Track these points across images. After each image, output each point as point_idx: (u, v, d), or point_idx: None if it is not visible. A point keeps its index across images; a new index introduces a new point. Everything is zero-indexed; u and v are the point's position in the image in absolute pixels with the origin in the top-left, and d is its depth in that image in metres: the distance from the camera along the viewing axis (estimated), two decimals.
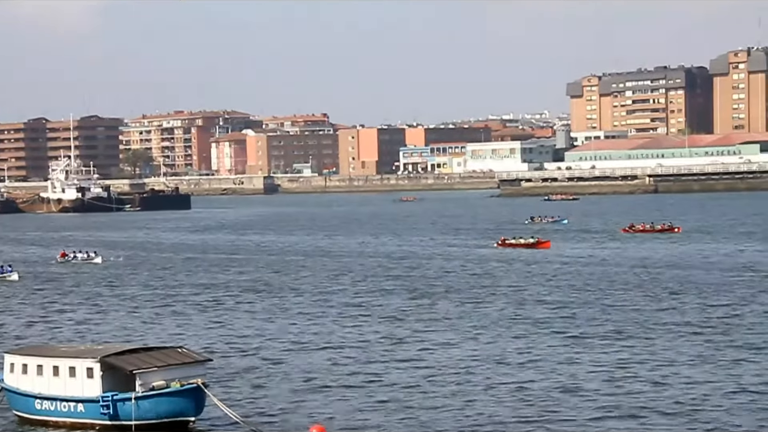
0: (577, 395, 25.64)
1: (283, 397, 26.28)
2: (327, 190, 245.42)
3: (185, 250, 74.90)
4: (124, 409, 23.34)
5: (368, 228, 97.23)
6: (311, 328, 37.08)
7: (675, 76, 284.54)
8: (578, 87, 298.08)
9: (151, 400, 23.31)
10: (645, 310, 39.09)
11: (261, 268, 60.44)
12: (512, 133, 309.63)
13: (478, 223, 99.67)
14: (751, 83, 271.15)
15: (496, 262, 59.33)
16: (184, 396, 23.35)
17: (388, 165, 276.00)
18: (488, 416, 23.95)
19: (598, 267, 55.31)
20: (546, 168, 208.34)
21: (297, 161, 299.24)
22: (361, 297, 45.55)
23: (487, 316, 38.94)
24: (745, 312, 37.96)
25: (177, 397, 23.33)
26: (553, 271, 53.54)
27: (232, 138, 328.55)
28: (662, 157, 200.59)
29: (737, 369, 28.08)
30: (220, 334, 36.41)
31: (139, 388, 23.34)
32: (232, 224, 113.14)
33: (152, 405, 23.31)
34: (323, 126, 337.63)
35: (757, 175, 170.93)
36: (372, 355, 31.41)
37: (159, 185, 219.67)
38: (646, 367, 28.50)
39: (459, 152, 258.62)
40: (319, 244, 78.25)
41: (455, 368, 28.92)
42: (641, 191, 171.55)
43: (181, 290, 49.90)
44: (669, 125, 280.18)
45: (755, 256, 59.18)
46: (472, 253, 66.48)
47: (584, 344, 32.34)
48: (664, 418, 23.32)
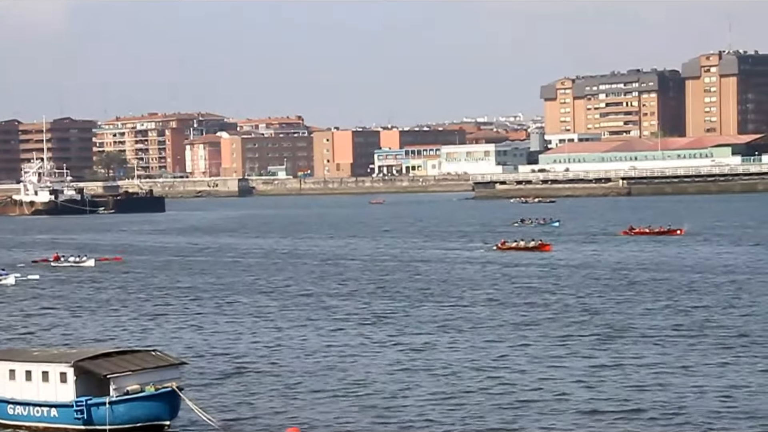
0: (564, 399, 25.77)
1: (259, 399, 26.29)
2: (302, 193, 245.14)
3: (161, 253, 74.65)
4: (98, 413, 23.24)
5: (351, 231, 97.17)
6: (287, 331, 37.05)
7: (648, 79, 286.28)
8: (552, 90, 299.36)
9: (126, 405, 23.22)
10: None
11: (236, 270, 60.34)
12: (486, 135, 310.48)
13: (465, 226, 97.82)
14: (723, 87, 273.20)
15: (496, 265, 58.29)
16: (159, 400, 23.27)
17: (363, 167, 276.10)
18: (467, 420, 24.02)
19: (607, 270, 54.22)
20: (520, 171, 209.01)
21: (272, 163, 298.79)
22: (341, 300, 45.54)
23: (476, 319, 38.98)
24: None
25: (151, 401, 23.26)
26: (558, 275, 52.62)
27: (207, 140, 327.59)
28: (635, 160, 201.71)
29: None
30: (195, 337, 36.33)
31: (113, 392, 23.24)
32: (208, 227, 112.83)
33: (126, 409, 23.22)
34: (298, 128, 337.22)
35: (728, 177, 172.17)
36: (349, 357, 31.42)
37: (133, 187, 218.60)
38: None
39: (433, 155, 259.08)
40: (296, 247, 78.20)
41: (437, 371, 28.91)
42: (615, 194, 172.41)
43: (157, 293, 49.75)
44: (642, 128, 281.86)
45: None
46: (471, 256, 65.06)
47: (591, 348, 32.10)
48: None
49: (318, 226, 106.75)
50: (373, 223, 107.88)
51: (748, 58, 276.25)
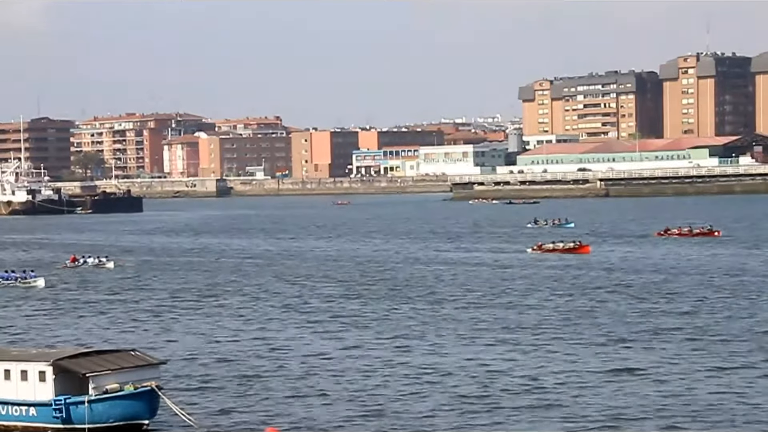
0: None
1: (238, 399, 26.28)
2: (280, 193, 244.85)
3: (141, 253, 74.31)
4: (77, 412, 23.18)
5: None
6: (266, 331, 37.04)
7: (626, 80, 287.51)
8: (530, 91, 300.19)
9: (105, 404, 23.18)
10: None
11: (214, 271, 60.22)
12: (465, 136, 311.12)
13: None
14: (700, 88, 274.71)
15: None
16: (138, 399, 23.26)
17: (342, 168, 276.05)
18: (442, 421, 24.10)
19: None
20: (498, 172, 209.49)
21: (250, 164, 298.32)
22: (323, 302, 45.55)
23: (480, 321, 39.04)
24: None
25: (131, 400, 23.24)
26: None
27: (185, 140, 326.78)
28: (613, 161, 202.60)
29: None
30: (174, 337, 36.29)
31: (93, 391, 23.20)
32: (186, 227, 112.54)
33: (106, 408, 23.18)
34: (276, 129, 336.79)
35: (705, 179, 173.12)
36: (327, 358, 31.43)
37: (111, 188, 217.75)
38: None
39: (412, 156, 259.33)
40: (276, 248, 78.10)
41: (419, 373, 28.89)
42: (593, 195, 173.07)
43: (136, 293, 49.58)
44: (620, 129, 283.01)
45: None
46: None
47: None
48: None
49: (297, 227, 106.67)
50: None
51: (726, 59, 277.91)
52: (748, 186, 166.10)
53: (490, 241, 78.95)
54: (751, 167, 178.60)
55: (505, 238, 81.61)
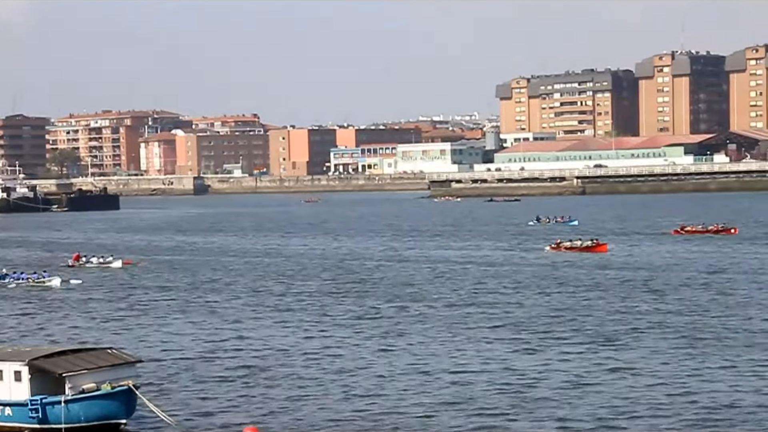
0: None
1: (216, 398, 26.27)
2: (257, 191, 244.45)
3: (119, 252, 74.02)
4: (53, 412, 23.13)
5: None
6: (246, 330, 36.92)
7: (602, 79, 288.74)
8: (507, 89, 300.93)
9: (81, 403, 23.12)
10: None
11: (191, 268, 60.13)
12: (442, 134, 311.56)
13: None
14: (675, 87, 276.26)
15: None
16: (115, 398, 23.21)
17: (319, 166, 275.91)
18: (418, 418, 24.21)
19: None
20: (476, 169, 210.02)
21: (227, 162, 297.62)
22: (300, 300, 45.63)
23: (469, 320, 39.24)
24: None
25: (107, 400, 23.18)
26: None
27: (162, 138, 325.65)
28: (590, 159, 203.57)
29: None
30: (151, 335, 36.20)
31: (69, 390, 23.13)
32: (163, 225, 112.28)
33: (82, 408, 23.13)
34: (254, 126, 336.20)
35: (681, 177, 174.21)
36: (305, 356, 31.37)
37: (87, 185, 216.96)
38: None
39: (390, 153, 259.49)
40: (254, 246, 78.08)
41: (402, 372, 28.87)
42: (569, 193, 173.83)
43: (113, 292, 49.41)
44: (596, 127, 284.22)
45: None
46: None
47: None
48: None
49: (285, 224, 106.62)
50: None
51: (700, 58, 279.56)
52: (722, 184, 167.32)
53: (498, 239, 77.02)
54: (725, 165, 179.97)
55: (515, 235, 79.92)
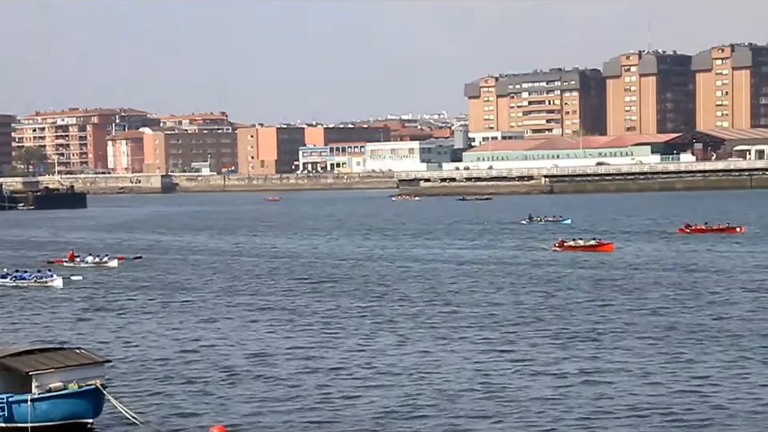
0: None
1: (184, 397, 26.23)
2: (226, 189, 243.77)
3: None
4: (19, 411, 23.00)
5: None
6: (214, 329, 36.88)
7: (569, 78, 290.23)
8: (476, 88, 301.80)
9: (48, 402, 23.02)
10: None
11: (160, 267, 59.92)
12: (411, 133, 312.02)
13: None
14: (643, 86, 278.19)
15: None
16: (82, 397, 23.11)
17: (288, 164, 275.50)
18: (392, 417, 24.27)
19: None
20: (444, 168, 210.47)
21: (195, 160, 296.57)
22: (273, 299, 45.59)
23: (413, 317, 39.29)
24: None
25: (75, 399, 23.09)
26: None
27: (129, 136, 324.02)
28: (557, 158, 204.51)
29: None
30: (119, 335, 36.07)
31: (36, 389, 23.01)
32: (133, 224, 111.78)
33: (49, 407, 23.03)
34: (222, 124, 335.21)
35: (648, 176, 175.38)
36: (277, 356, 31.33)
37: (53, 184, 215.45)
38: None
39: (358, 152, 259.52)
40: (224, 244, 77.92)
41: (375, 372, 28.86)
42: (537, 191, 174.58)
43: (81, 290, 49.16)
44: (564, 126, 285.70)
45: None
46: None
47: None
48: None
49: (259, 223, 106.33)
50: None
51: (667, 58, 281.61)
52: (689, 183, 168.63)
53: (493, 237, 76.58)
54: (691, 164, 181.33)
55: (509, 234, 79.57)
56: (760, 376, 26.96)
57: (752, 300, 40.51)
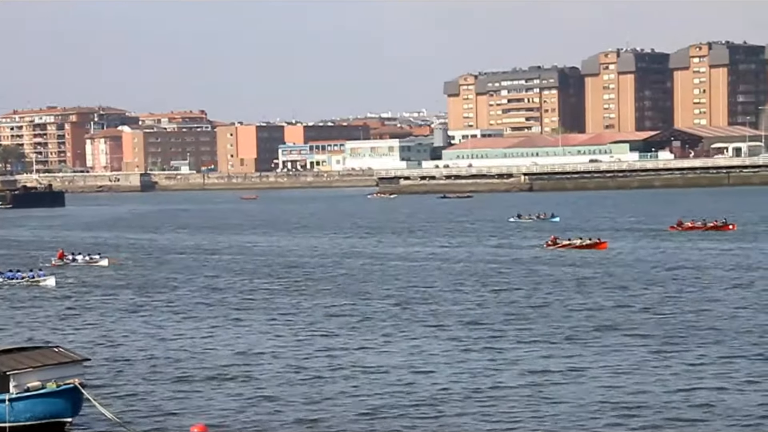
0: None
1: (164, 397, 26.14)
2: (205, 188, 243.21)
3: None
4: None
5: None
6: (195, 329, 36.74)
7: (548, 76, 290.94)
8: (455, 86, 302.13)
9: (26, 402, 22.88)
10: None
11: (139, 265, 59.78)
12: (391, 131, 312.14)
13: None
14: (621, 84, 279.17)
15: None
16: (61, 397, 22.99)
17: (268, 162, 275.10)
18: (370, 415, 24.28)
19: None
20: (424, 166, 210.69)
21: (174, 158, 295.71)
22: (251, 298, 45.56)
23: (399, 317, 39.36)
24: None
25: (53, 398, 22.96)
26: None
27: (108, 134, 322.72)
28: (537, 156, 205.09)
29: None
30: (102, 334, 35.91)
31: (14, 389, 22.86)
32: (112, 223, 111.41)
33: (27, 406, 22.89)
34: (201, 123, 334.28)
35: (626, 174, 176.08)
36: (258, 355, 31.24)
37: (31, 182, 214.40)
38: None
39: (338, 150, 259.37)
40: (203, 242, 77.79)
41: (357, 372, 28.81)
42: (517, 189, 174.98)
43: (59, 289, 48.95)
44: (543, 124, 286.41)
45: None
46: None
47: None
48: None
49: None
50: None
51: (645, 56, 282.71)
52: (667, 180, 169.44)
53: (483, 235, 76.38)
54: (670, 162, 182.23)
55: (497, 232, 79.33)
56: (747, 374, 26.99)
57: (742, 298, 40.36)
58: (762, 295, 40.99)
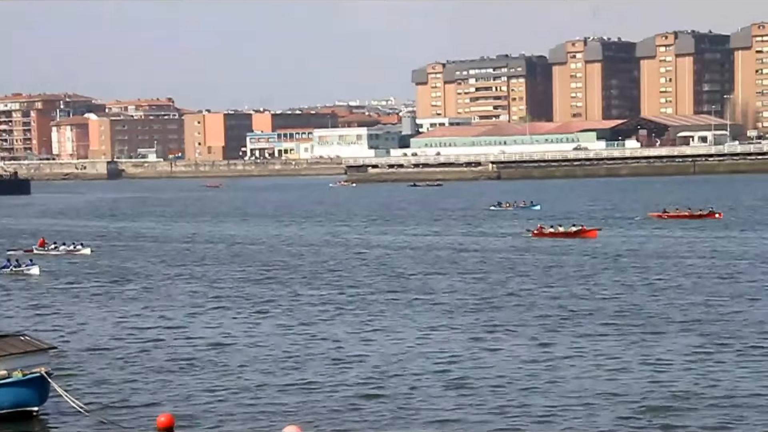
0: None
1: (133, 386, 25.98)
2: (173, 176, 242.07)
3: (26, 237, 72.92)
4: None
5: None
6: (165, 318, 36.56)
7: (516, 64, 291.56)
8: (423, 74, 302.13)
9: None
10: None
11: (107, 253, 59.46)
12: (359, 119, 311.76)
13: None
14: (588, 72, 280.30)
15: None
16: (27, 386, 22.83)
17: (236, 150, 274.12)
18: (326, 402, 24.30)
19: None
20: (392, 154, 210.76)
21: (142, 146, 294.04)
22: (227, 285, 45.48)
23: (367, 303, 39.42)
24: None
25: (19, 387, 22.79)
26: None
27: (74, 122, 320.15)
28: (504, 144, 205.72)
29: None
30: (67, 322, 35.71)
31: None
32: (80, 210, 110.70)
33: None
34: (168, 110, 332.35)
35: (594, 162, 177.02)
36: (228, 344, 31.09)
37: None
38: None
39: (306, 138, 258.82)
40: (171, 230, 77.51)
41: (321, 357, 28.78)
42: (485, 177, 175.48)
43: (52, 278, 48.48)
44: (511, 113, 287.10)
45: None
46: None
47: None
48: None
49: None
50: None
51: (612, 44, 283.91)
52: (634, 169, 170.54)
53: (464, 224, 75.83)
54: (636, 150, 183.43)
55: (479, 221, 78.85)
56: (721, 363, 26.96)
57: (729, 287, 40.13)
58: (752, 285, 40.73)
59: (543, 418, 22.30)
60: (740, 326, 31.78)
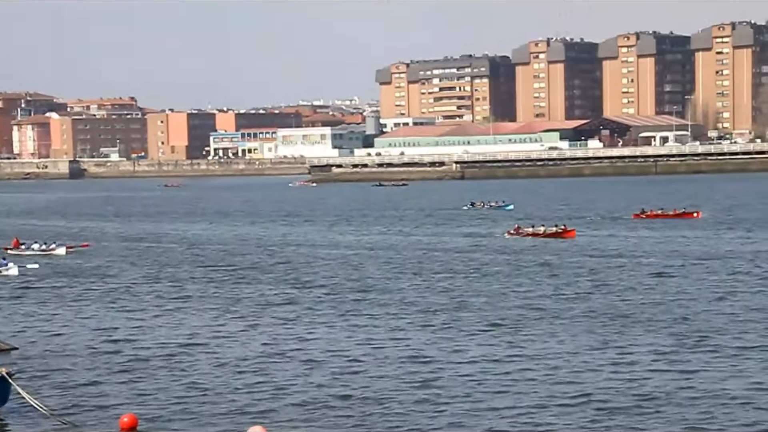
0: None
1: (98, 387, 25.69)
2: (135, 175, 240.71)
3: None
4: None
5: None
6: (131, 319, 36.23)
7: (479, 64, 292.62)
8: (387, 74, 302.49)
9: None
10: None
11: (70, 253, 58.87)
12: (323, 119, 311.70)
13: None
14: (551, 73, 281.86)
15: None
16: None
17: (199, 150, 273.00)
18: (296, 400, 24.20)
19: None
20: (356, 154, 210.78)
21: (104, 145, 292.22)
22: (188, 285, 45.18)
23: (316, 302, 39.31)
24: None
25: None
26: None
27: (35, 121, 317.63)
28: (468, 144, 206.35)
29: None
30: (28, 322, 35.34)
31: None
32: (41, 210, 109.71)
33: None
34: (131, 110, 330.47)
35: (557, 162, 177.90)
36: (195, 345, 30.87)
37: None
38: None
39: (270, 138, 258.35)
40: (141, 230, 76.95)
41: (287, 358, 28.64)
42: (449, 177, 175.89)
43: (25, 279, 47.59)
44: (474, 113, 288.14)
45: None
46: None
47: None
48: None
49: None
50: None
51: (574, 45, 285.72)
52: (596, 169, 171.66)
53: (438, 224, 75.58)
54: (599, 150, 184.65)
55: (453, 220, 78.50)
56: (693, 363, 26.94)
57: (715, 287, 39.91)
58: (732, 283, 40.75)
59: (512, 419, 22.23)
60: (711, 325, 31.93)
